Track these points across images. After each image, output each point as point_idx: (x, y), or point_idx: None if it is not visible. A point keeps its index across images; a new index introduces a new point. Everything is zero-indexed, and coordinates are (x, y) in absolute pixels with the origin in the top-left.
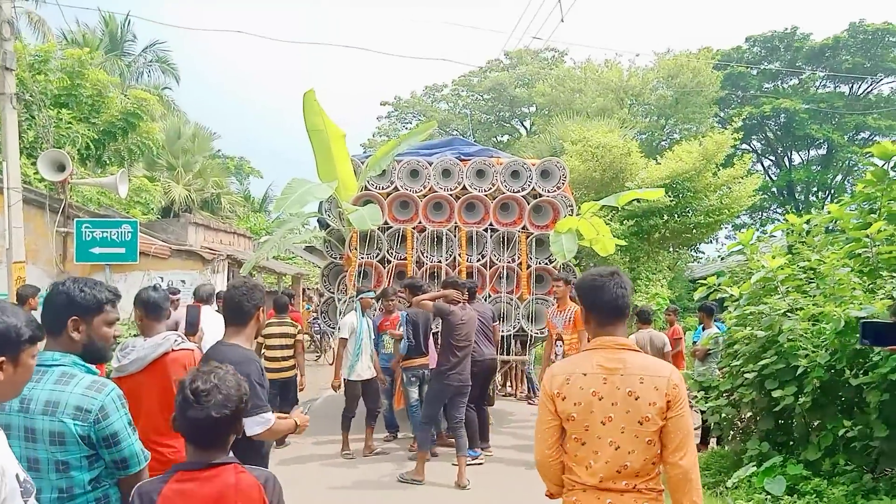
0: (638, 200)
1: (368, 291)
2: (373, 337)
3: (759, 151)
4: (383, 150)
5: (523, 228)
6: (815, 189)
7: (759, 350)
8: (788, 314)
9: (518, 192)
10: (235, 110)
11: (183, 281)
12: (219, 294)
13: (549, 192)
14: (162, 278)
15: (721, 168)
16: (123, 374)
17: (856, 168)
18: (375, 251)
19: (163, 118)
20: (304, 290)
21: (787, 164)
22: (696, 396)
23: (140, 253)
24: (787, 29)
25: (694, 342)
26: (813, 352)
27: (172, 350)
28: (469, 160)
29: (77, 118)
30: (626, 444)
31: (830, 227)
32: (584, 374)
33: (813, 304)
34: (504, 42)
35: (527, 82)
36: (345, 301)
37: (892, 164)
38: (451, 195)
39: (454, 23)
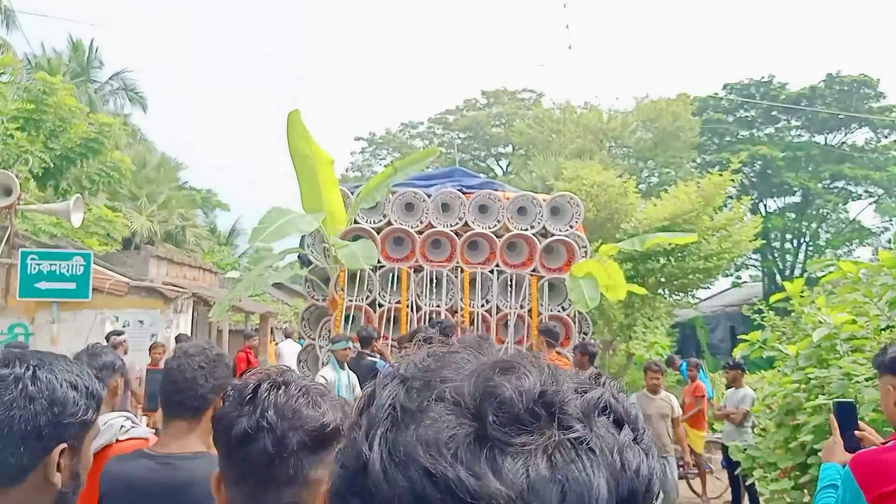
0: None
1: (341, 341)
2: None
3: (735, 197)
4: (377, 180)
5: (533, 271)
6: (789, 237)
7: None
8: (867, 381)
9: (526, 230)
10: (205, 140)
11: (141, 321)
12: (180, 337)
13: (560, 230)
14: (117, 318)
15: (717, 211)
16: None
17: (829, 217)
18: (365, 293)
19: (128, 147)
20: (271, 329)
21: (764, 210)
22: (752, 473)
23: (93, 289)
24: (763, 77)
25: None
26: None
27: (117, 441)
28: (471, 193)
29: (33, 141)
30: None
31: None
32: None
33: None
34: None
35: (503, 122)
36: (327, 349)
37: None
38: (451, 232)
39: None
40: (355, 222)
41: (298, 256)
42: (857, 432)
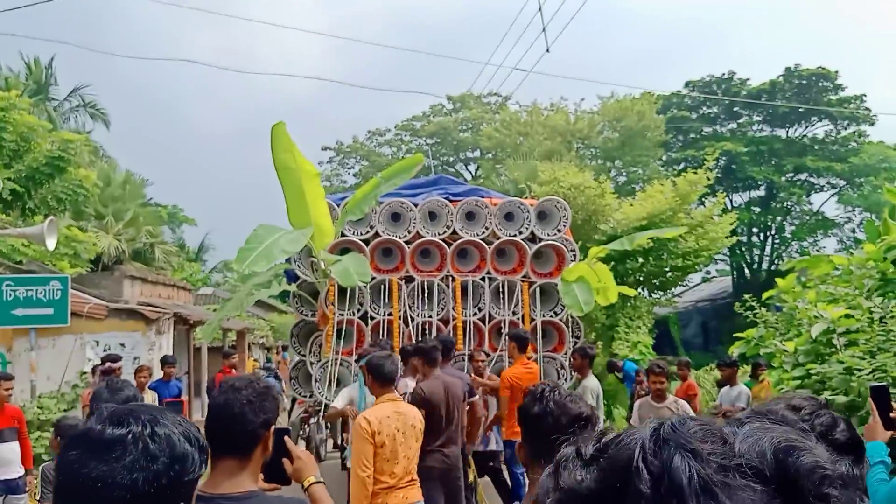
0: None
1: None
2: None
3: (704, 194)
4: (364, 191)
5: (524, 277)
6: (756, 230)
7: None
8: (869, 375)
9: (515, 235)
10: (168, 155)
11: (122, 345)
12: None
13: (548, 235)
14: (97, 342)
15: (692, 208)
16: None
17: (794, 209)
18: (356, 306)
19: (91, 164)
20: (248, 344)
21: (730, 205)
22: None
23: (72, 314)
24: (724, 74)
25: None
26: None
27: None
28: (458, 201)
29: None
30: (411, 454)
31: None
32: (388, 417)
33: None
34: (479, 75)
35: (471, 126)
36: (319, 365)
37: None
38: (440, 241)
39: (434, 53)
40: (342, 235)
41: (285, 272)
42: (892, 414)
